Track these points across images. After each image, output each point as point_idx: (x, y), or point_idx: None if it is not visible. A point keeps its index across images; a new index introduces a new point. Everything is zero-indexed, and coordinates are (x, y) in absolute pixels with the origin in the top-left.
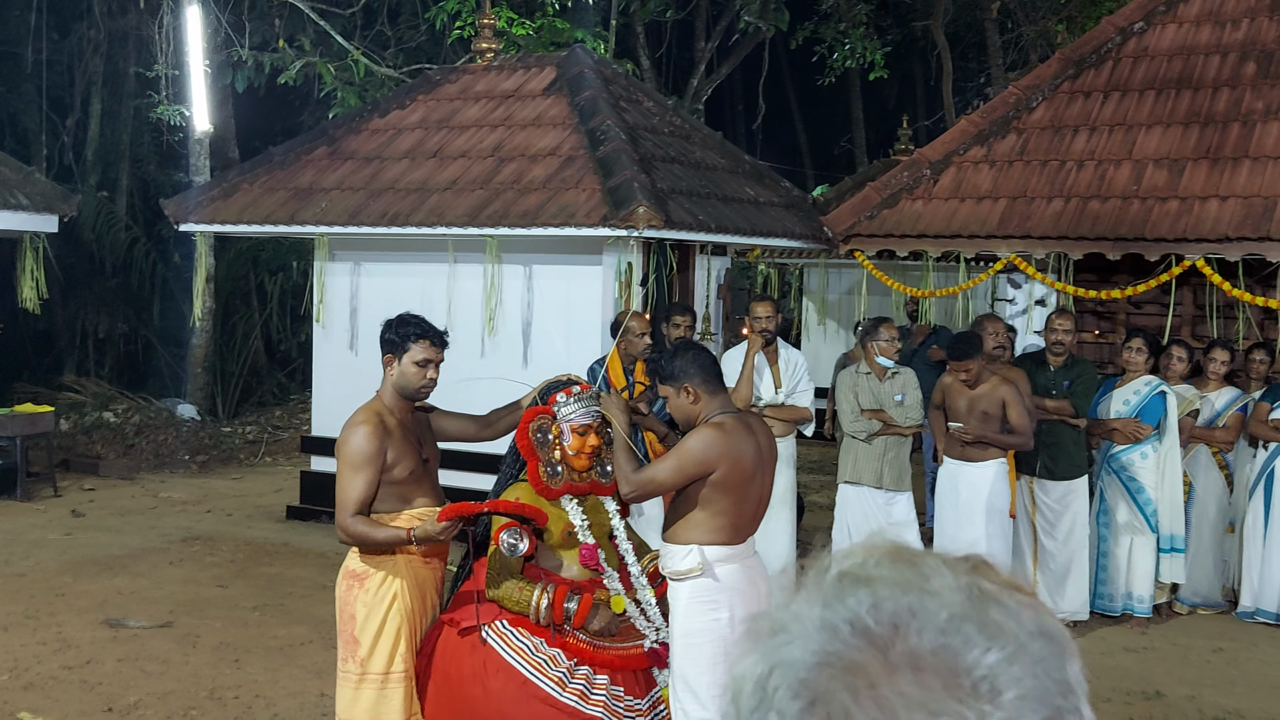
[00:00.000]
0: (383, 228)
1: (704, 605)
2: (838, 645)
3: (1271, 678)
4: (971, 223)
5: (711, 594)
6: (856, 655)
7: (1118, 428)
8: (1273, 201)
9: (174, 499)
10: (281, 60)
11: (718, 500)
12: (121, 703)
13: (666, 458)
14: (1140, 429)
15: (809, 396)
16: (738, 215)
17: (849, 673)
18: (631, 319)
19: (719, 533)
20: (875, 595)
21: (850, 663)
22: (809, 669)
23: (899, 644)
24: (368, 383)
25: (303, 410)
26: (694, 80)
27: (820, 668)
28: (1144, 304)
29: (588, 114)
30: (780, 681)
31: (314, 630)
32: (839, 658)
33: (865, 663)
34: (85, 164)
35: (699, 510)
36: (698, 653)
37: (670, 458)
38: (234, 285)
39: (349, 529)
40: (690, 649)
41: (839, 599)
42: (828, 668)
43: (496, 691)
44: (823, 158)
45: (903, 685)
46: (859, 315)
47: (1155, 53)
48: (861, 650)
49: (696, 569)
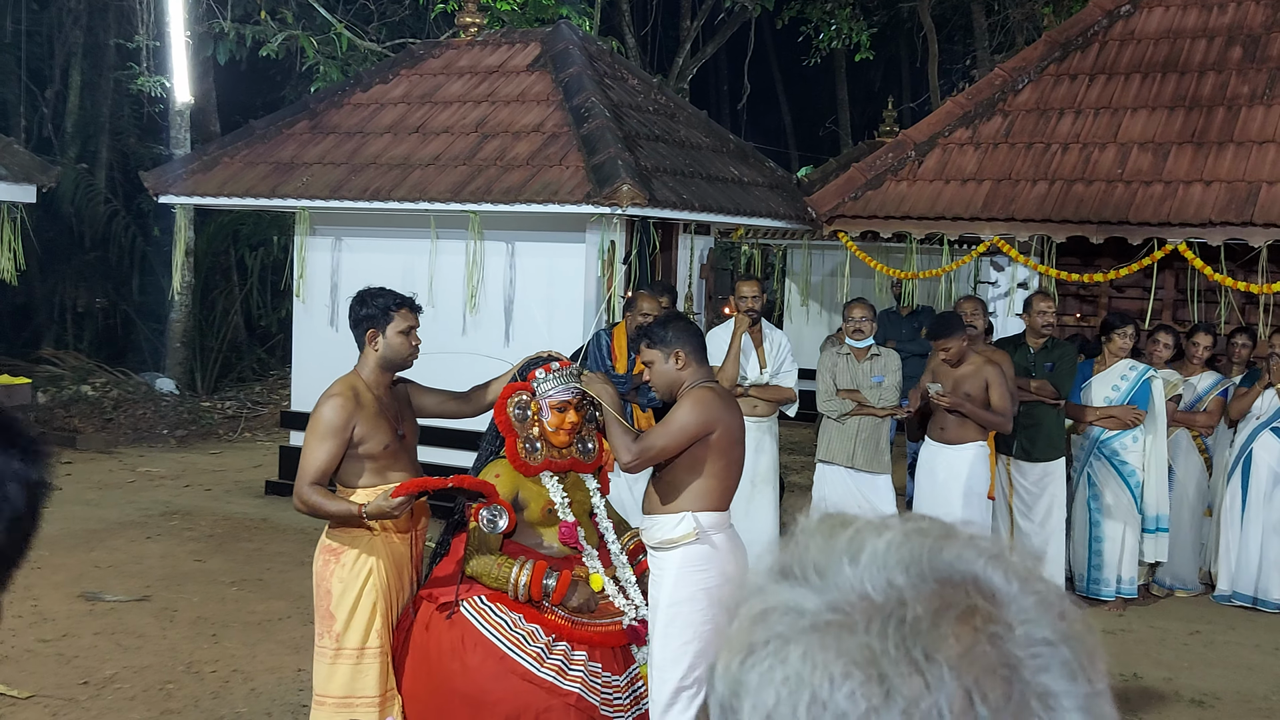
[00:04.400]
0: (364, 202)
1: (695, 572)
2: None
3: (1248, 660)
4: (955, 205)
5: (703, 560)
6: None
7: (1115, 414)
8: (1256, 186)
9: (152, 473)
10: (263, 33)
11: (712, 463)
12: (98, 676)
13: (664, 424)
14: (1137, 415)
15: (793, 377)
16: (722, 195)
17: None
18: (644, 299)
19: (710, 497)
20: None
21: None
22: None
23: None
24: (348, 358)
25: (282, 386)
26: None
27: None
28: (1126, 288)
29: (572, 91)
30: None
31: (292, 605)
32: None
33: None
34: (64, 136)
35: (691, 476)
36: (685, 620)
37: (669, 424)
38: (214, 260)
39: (304, 497)
40: (678, 616)
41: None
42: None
43: (474, 666)
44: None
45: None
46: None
47: (1141, 36)
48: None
49: (691, 534)
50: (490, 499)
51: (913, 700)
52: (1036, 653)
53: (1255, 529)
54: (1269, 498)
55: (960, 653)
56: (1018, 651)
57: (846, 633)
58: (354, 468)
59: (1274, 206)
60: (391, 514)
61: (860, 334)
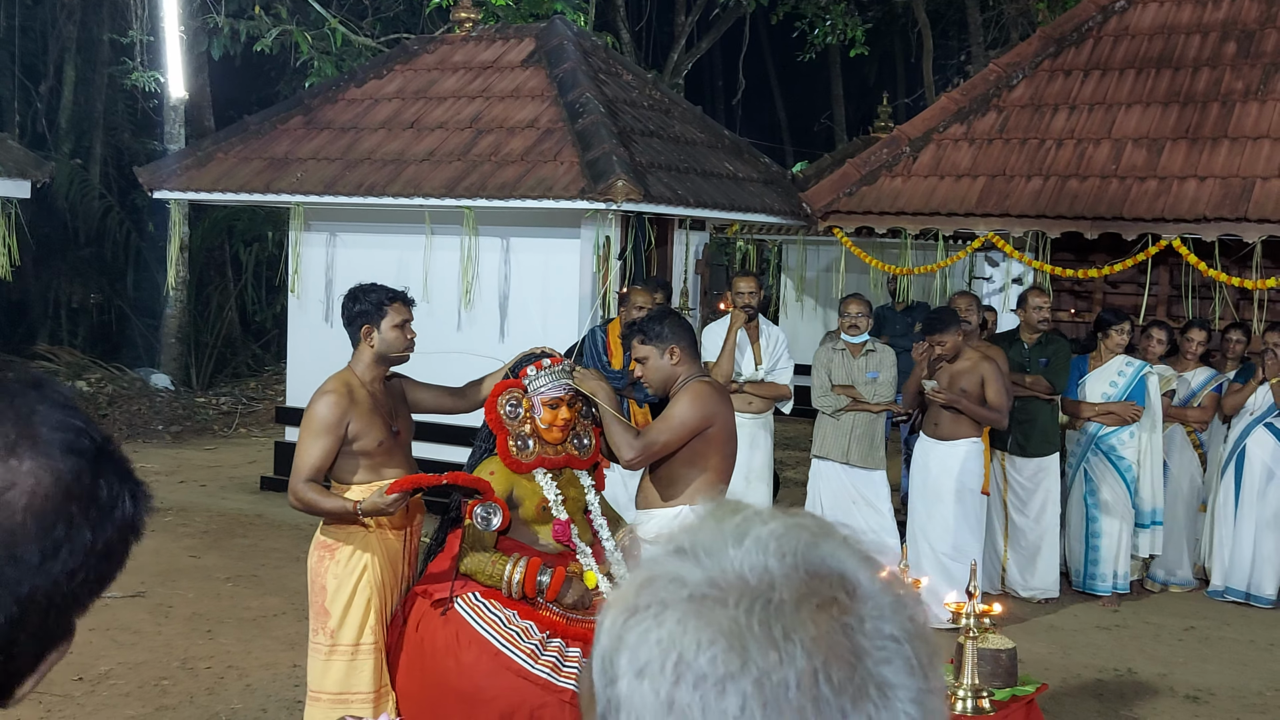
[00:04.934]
0: (359, 198)
1: None
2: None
3: (1241, 656)
4: (950, 200)
5: None
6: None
7: (1115, 410)
8: (1250, 182)
9: (147, 469)
10: (258, 28)
11: (709, 457)
12: (93, 672)
13: (664, 419)
14: (1136, 411)
15: (789, 374)
16: (716, 190)
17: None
18: (638, 294)
19: (707, 491)
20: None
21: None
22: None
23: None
24: (343, 354)
25: (277, 381)
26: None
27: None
28: (1120, 283)
29: (567, 86)
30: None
31: (287, 601)
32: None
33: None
34: (59, 131)
35: (688, 470)
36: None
37: (668, 419)
38: (208, 255)
39: (299, 494)
40: None
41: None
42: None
43: (469, 664)
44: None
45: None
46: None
47: (1136, 31)
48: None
49: None
50: (486, 496)
51: (766, 671)
52: (882, 645)
53: (1248, 524)
54: (1262, 493)
55: (814, 636)
56: (865, 643)
57: (719, 606)
58: (349, 464)
59: (1268, 202)
60: (386, 511)
61: (856, 329)
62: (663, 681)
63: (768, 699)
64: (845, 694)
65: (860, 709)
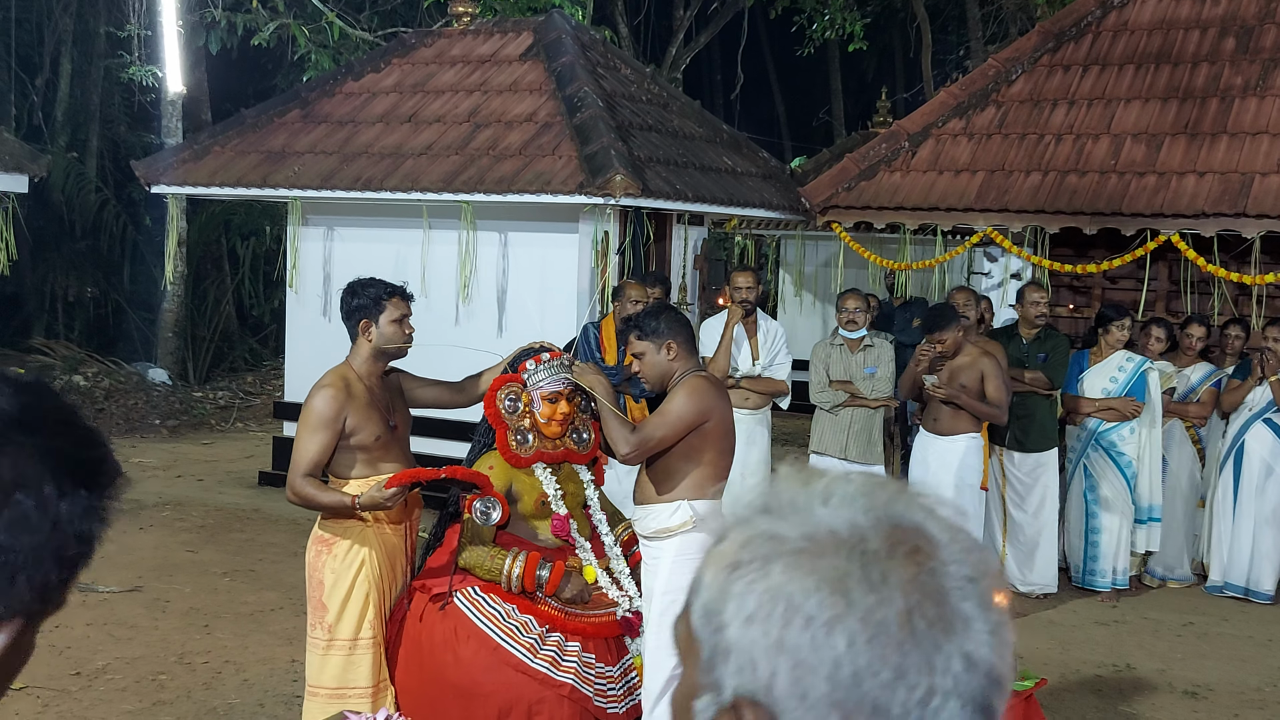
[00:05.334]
0: (356, 192)
1: (691, 560)
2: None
3: (1240, 652)
4: (949, 195)
5: (699, 549)
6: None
7: (1115, 406)
8: (1249, 178)
9: (144, 464)
10: (255, 21)
11: (707, 451)
12: (89, 667)
13: (661, 414)
14: (1136, 407)
15: (786, 369)
16: (715, 185)
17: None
18: (633, 288)
19: (705, 486)
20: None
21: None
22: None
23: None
24: (340, 348)
25: (275, 376)
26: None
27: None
28: (1119, 279)
29: (565, 80)
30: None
31: (284, 596)
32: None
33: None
34: (55, 125)
35: (686, 465)
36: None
37: (665, 413)
38: (206, 249)
39: (297, 489)
40: (674, 605)
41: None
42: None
43: (467, 658)
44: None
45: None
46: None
47: (1135, 27)
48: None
49: (689, 523)
50: (485, 491)
51: (869, 611)
52: (960, 585)
53: (1247, 520)
54: (1261, 489)
55: (907, 579)
56: (947, 583)
57: (819, 557)
58: (346, 459)
59: (1267, 198)
60: (385, 505)
61: (853, 325)
62: (772, 625)
63: (872, 635)
64: (937, 628)
65: (951, 640)
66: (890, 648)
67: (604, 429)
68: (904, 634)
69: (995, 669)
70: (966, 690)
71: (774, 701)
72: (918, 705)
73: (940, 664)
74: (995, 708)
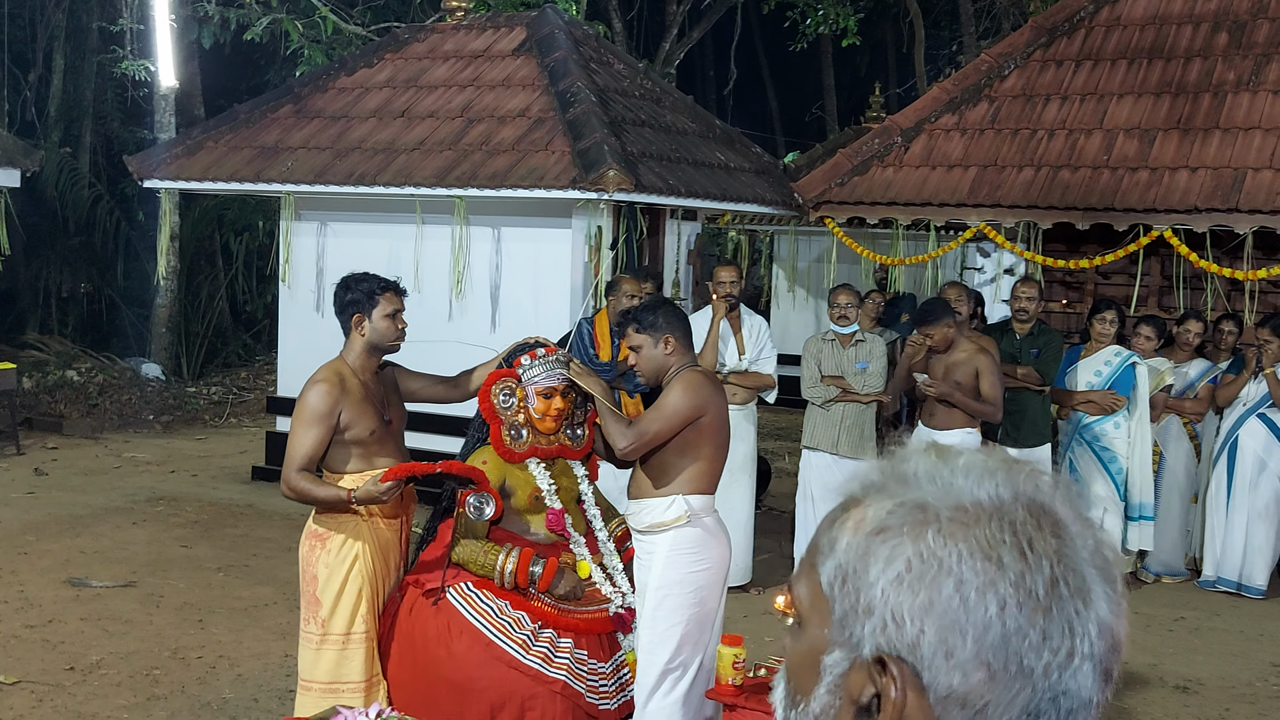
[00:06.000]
0: (349, 187)
1: (686, 555)
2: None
3: (1232, 647)
4: (942, 191)
5: (694, 543)
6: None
7: (1094, 399)
8: (1242, 173)
9: (138, 459)
10: (248, 16)
11: (702, 446)
12: (84, 662)
13: (658, 408)
14: (1116, 400)
15: (773, 363)
16: (708, 180)
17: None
18: (627, 282)
19: (700, 480)
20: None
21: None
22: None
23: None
24: (333, 343)
25: (268, 371)
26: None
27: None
28: (1112, 274)
29: (558, 75)
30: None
31: (278, 591)
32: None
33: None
34: (48, 120)
35: (681, 459)
36: (675, 602)
37: (662, 408)
38: (199, 245)
39: (292, 484)
40: (668, 598)
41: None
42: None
43: (460, 653)
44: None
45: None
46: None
47: (1128, 21)
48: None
49: (683, 517)
50: (480, 485)
51: (1020, 576)
52: (1089, 559)
53: (1240, 515)
54: (1254, 484)
55: (1053, 549)
56: (1081, 555)
57: (970, 526)
58: (341, 453)
59: (1259, 193)
60: (380, 499)
61: (845, 320)
62: (922, 586)
63: (1022, 600)
64: (1078, 596)
65: (1089, 608)
66: (1038, 612)
67: (601, 426)
68: (1050, 599)
69: (1117, 636)
70: (1097, 654)
71: (919, 659)
72: (1058, 667)
73: (1079, 628)
74: (1114, 672)
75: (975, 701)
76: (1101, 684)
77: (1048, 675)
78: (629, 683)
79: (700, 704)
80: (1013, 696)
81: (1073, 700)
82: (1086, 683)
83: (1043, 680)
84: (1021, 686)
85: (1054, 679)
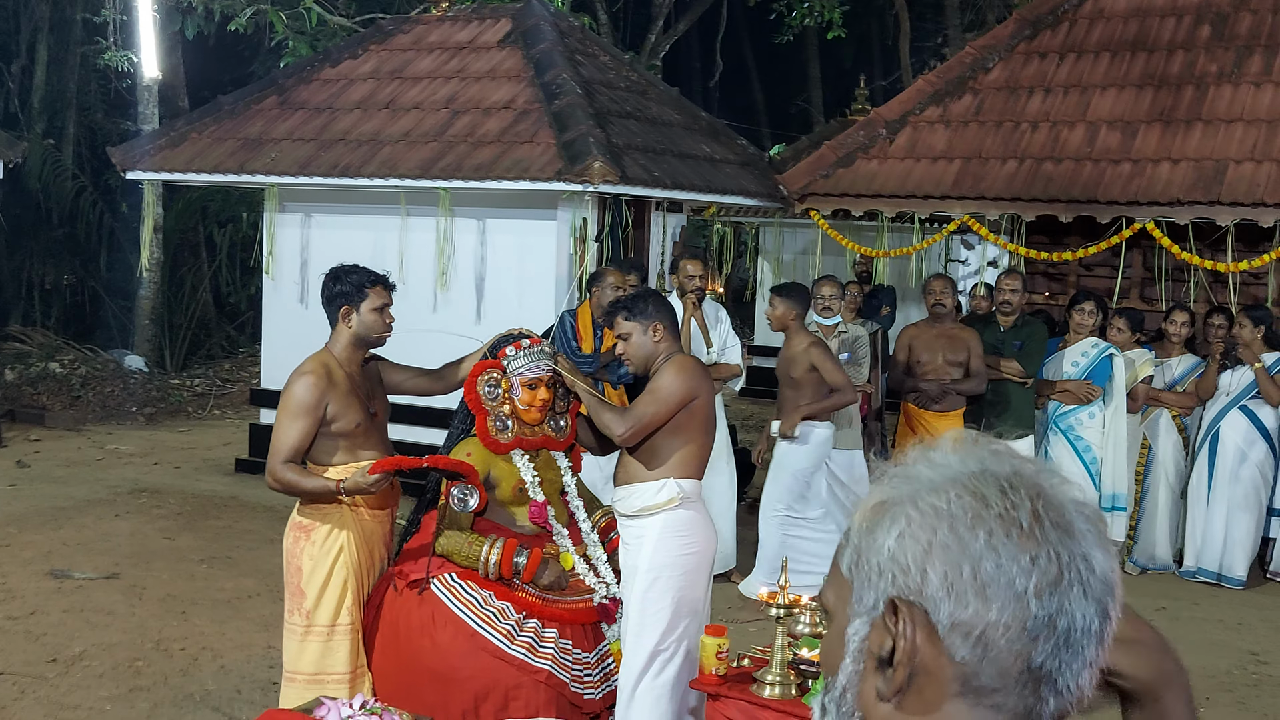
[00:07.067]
0: (333, 179)
1: (676, 537)
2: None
3: (1211, 636)
4: (926, 183)
5: (684, 526)
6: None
7: (1069, 389)
8: (1223, 165)
9: (121, 451)
10: (232, 7)
11: (693, 430)
12: (66, 653)
13: (651, 393)
14: (1091, 390)
15: (738, 351)
16: (693, 172)
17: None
18: (611, 275)
19: (690, 465)
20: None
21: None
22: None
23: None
24: (318, 335)
25: (252, 363)
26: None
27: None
28: (1094, 266)
29: (543, 67)
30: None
31: (261, 583)
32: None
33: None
34: (31, 111)
35: (673, 441)
36: (665, 584)
37: (656, 391)
38: (182, 236)
39: (278, 476)
40: (659, 580)
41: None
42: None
43: (445, 644)
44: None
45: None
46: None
47: (1111, 14)
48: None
49: (675, 500)
50: (469, 479)
51: (1004, 509)
52: (1073, 505)
53: (1220, 506)
54: (1235, 475)
55: (1034, 488)
56: (1065, 499)
57: (958, 482)
58: (326, 446)
59: (1241, 185)
60: (368, 490)
61: (829, 312)
62: (923, 533)
63: (1009, 529)
64: (1060, 529)
65: (1073, 539)
66: (1024, 538)
67: (594, 419)
68: (1033, 527)
69: (1108, 575)
70: (1088, 582)
71: (925, 598)
72: (1049, 586)
73: (1065, 555)
74: (1110, 612)
75: (976, 627)
76: (1099, 617)
77: (1039, 596)
78: (613, 673)
79: (685, 691)
80: (1009, 618)
81: (1069, 621)
82: (1081, 607)
83: (1035, 601)
84: (1017, 608)
85: (1045, 599)
